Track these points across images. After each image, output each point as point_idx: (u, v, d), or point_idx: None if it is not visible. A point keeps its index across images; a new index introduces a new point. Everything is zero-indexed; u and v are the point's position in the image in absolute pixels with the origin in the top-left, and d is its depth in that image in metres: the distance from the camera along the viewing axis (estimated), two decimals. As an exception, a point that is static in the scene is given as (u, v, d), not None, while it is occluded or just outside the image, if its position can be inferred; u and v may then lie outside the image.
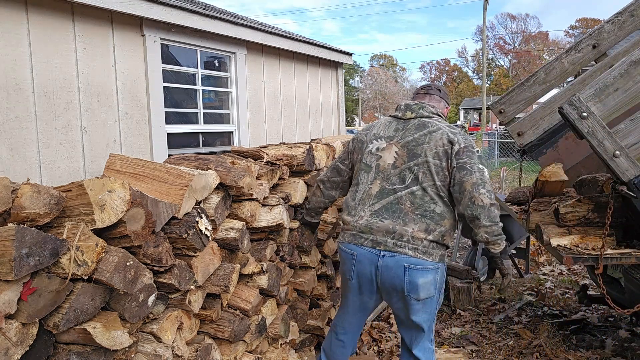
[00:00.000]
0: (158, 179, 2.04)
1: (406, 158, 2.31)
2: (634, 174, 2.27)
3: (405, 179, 2.29)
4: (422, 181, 2.26)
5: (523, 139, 3.41)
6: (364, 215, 2.32)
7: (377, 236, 2.27)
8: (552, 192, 3.09)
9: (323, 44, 5.08)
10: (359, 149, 2.48)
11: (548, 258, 5.90)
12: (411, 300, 2.27)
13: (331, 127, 5.44)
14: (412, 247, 2.22)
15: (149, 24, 3.18)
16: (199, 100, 3.76)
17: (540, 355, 3.37)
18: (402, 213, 2.25)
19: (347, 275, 2.41)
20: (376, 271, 2.28)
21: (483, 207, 2.15)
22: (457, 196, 2.23)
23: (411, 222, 2.23)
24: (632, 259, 2.51)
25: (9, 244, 1.35)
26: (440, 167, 2.25)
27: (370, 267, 2.29)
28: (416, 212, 2.24)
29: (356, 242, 2.33)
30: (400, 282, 2.24)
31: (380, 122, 2.52)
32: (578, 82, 3.27)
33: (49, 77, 2.65)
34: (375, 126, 2.51)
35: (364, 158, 2.43)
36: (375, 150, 2.40)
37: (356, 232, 2.34)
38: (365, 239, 2.30)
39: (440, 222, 2.24)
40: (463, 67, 62.54)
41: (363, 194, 2.37)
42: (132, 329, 1.78)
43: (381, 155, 2.37)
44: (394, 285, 2.27)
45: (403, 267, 2.22)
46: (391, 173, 2.32)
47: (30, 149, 2.57)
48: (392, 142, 2.36)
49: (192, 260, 2.03)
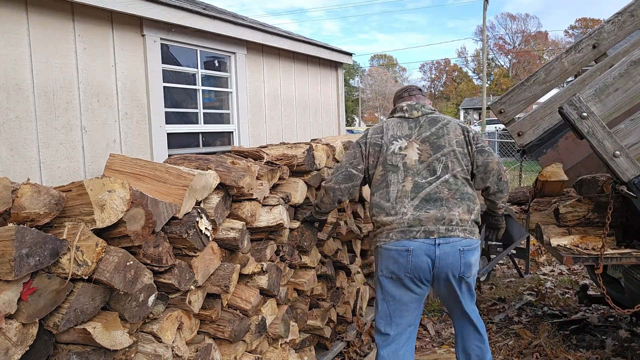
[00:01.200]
0: (158, 179, 2.04)
1: (431, 151, 2.46)
2: (634, 174, 2.27)
3: (435, 170, 2.43)
4: (452, 168, 2.43)
5: (523, 139, 3.41)
6: (407, 211, 2.39)
7: (428, 226, 2.35)
8: (552, 192, 3.09)
9: (323, 44, 5.08)
10: (377, 152, 2.54)
11: (548, 258, 5.90)
12: (463, 281, 2.41)
13: (331, 127, 5.44)
14: (462, 229, 2.37)
15: (149, 24, 3.18)
16: (199, 100, 3.76)
17: (540, 355, 3.37)
18: (444, 200, 2.39)
19: (402, 273, 2.40)
20: (433, 261, 2.35)
21: (506, 182, 2.53)
22: (482, 176, 2.49)
23: (455, 207, 2.38)
24: (632, 259, 2.51)
25: (9, 244, 1.35)
26: (463, 154, 2.46)
27: (427, 258, 2.35)
28: (455, 196, 2.40)
29: (408, 236, 2.36)
30: (457, 266, 2.36)
31: (390, 124, 2.59)
32: (578, 82, 3.27)
33: (49, 77, 2.65)
34: (388, 128, 2.56)
35: (388, 159, 2.50)
36: (398, 150, 2.50)
37: (405, 228, 2.37)
38: (417, 231, 2.36)
39: (474, 201, 2.45)
40: (463, 67, 62.54)
41: (398, 193, 2.43)
42: (132, 329, 1.78)
43: (405, 153, 2.48)
44: (452, 270, 2.36)
45: (458, 251, 2.35)
46: (420, 168, 2.45)
47: (30, 149, 2.57)
48: (412, 140, 2.50)
49: (192, 260, 2.03)
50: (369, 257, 4.07)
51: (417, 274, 2.39)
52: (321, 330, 3.16)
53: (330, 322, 3.33)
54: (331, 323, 3.34)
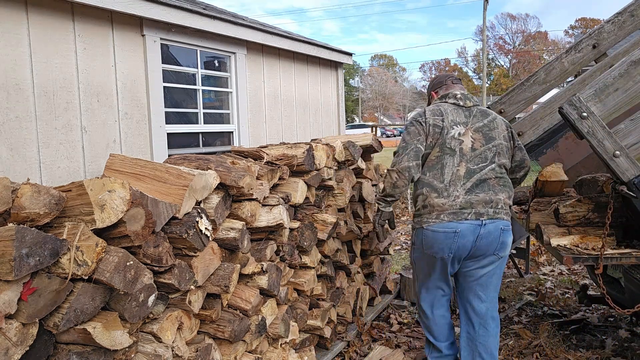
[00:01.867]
0: (158, 179, 2.04)
1: (483, 141, 2.67)
2: (634, 174, 2.27)
3: (487, 158, 2.65)
4: (499, 159, 2.68)
5: (523, 139, 3.41)
6: (459, 194, 2.59)
7: (478, 208, 2.58)
8: (552, 192, 3.08)
9: (323, 44, 5.08)
10: (437, 133, 2.67)
11: (548, 258, 5.90)
12: (496, 259, 2.67)
13: (331, 127, 5.44)
14: (505, 212, 2.64)
15: (149, 24, 3.18)
16: (199, 100, 3.76)
17: (540, 355, 3.37)
18: (491, 186, 2.63)
19: (445, 253, 2.62)
20: (476, 239, 2.58)
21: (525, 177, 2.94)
22: (516, 169, 2.83)
23: (500, 192, 2.63)
24: (632, 259, 2.50)
25: (9, 244, 1.35)
26: (507, 148, 2.73)
27: (472, 237, 2.58)
28: (499, 183, 2.65)
29: (458, 218, 2.57)
30: (495, 243, 2.61)
31: (447, 109, 2.73)
32: (578, 82, 3.27)
33: (49, 77, 2.65)
34: (447, 113, 2.71)
35: (447, 142, 2.65)
36: (457, 135, 2.66)
37: (456, 210, 2.57)
38: (468, 213, 2.57)
39: (512, 189, 2.74)
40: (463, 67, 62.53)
41: (452, 176, 2.62)
42: (132, 329, 1.78)
43: (463, 139, 2.66)
44: (489, 247, 2.61)
45: (500, 229, 2.60)
46: (473, 155, 2.65)
47: (30, 149, 2.57)
48: (468, 128, 2.68)
49: (192, 260, 2.03)
50: (369, 257, 4.07)
51: (458, 254, 2.62)
52: (321, 330, 3.16)
53: (330, 322, 3.33)
54: (331, 323, 3.34)
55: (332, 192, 3.34)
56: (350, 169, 3.53)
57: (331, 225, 3.11)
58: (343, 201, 3.34)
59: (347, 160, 3.44)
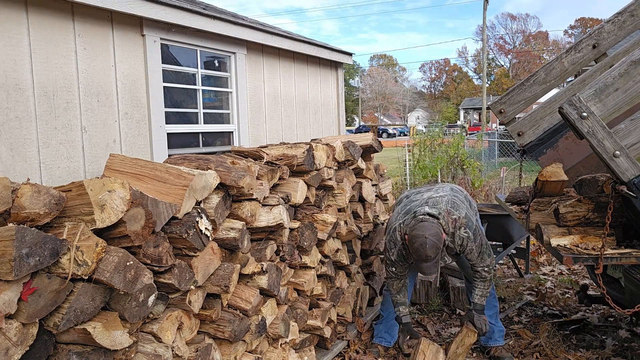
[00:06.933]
0: (158, 179, 2.04)
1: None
2: (634, 174, 2.27)
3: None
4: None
5: (523, 139, 3.41)
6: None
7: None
8: (552, 192, 3.08)
9: (323, 44, 5.08)
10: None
11: (548, 258, 5.89)
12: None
13: (331, 127, 5.44)
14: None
15: (149, 24, 3.18)
16: (199, 100, 3.76)
17: (540, 355, 3.37)
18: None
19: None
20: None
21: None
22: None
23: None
24: (632, 259, 2.50)
25: (9, 244, 1.35)
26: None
27: None
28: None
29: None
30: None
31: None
32: (578, 82, 3.27)
33: (49, 77, 2.65)
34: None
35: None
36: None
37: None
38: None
39: None
40: (463, 67, 62.56)
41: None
42: (132, 329, 1.78)
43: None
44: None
45: None
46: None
47: (30, 149, 2.57)
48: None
49: (192, 260, 2.03)
50: (369, 257, 4.07)
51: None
52: (321, 330, 3.15)
53: (330, 322, 3.32)
54: (331, 323, 3.34)
55: (332, 192, 3.34)
56: (350, 169, 3.53)
57: (331, 225, 3.10)
58: (343, 201, 3.34)
59: (347, 160, 3.44)
